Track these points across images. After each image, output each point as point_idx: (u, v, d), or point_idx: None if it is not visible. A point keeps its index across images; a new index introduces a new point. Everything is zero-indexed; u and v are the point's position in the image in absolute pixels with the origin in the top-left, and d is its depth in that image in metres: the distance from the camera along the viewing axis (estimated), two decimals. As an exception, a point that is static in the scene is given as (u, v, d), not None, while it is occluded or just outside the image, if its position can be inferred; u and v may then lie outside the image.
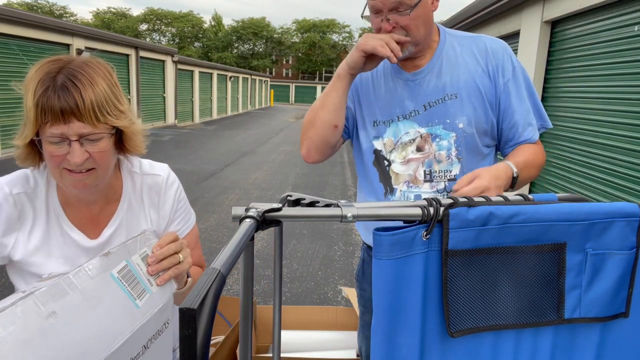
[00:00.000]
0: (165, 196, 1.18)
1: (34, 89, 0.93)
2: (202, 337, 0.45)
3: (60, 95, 0.92)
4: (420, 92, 1.30)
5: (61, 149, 0.95)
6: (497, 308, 0.77)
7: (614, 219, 0.76)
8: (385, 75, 1.37)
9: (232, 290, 3.81)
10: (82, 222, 1.11)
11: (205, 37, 62.55)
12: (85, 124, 0.95)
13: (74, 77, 0.95)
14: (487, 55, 1.29)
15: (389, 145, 1.34)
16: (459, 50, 1.31)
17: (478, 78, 1.28)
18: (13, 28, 9.97)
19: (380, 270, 0.73)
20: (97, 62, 1.03)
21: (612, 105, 4.00)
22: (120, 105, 1.02)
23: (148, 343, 0.86)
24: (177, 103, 19.43)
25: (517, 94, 1.28)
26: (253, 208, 0.73)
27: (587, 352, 0.82)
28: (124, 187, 1.15)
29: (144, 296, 0.86)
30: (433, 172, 1.30)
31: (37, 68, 0.97)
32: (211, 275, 0.49)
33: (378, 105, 1.36)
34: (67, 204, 1.10)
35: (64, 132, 0.94)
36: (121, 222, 1.14)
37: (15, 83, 1.01)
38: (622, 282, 0.78)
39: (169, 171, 1.21)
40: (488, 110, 1.28)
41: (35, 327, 0.67)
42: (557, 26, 5.23)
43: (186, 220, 1.24)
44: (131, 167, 1.17)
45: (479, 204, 0.74)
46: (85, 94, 0.94)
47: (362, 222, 1.45)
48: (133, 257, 0.89)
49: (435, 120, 1.28)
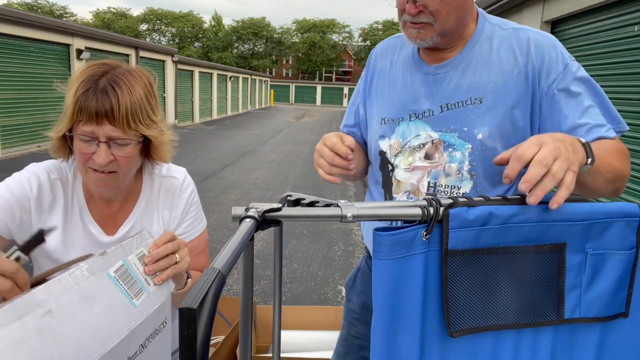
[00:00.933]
0: (179, 198, 1.22)
1: (76, 88, 1.00)
2: (202, 337, 0.45)
3: (98, 98, 0.98)
4: (439, 89, 1.11)
5: (90, 147, 1.01)
6: (497, 308, 0.77)
7: (614, 219, 0.76)
8: (405, 66, 1.19)
9: (232, 290, 3.81)
10: (101, 218, 1.17)
11: (205, 37, 62.54)
12: (116, 128, 1.00)
13: (115, 82, 1.01)
14: (528, 50, 1.05)
15: (395, 148, 1.17)
16: (496, 43, 1.08)
17: (513, 81, 1.05)
18: (13, 28, 9.96)
19: (380, 270, 0.74)
20: (141, 71, 1.10)
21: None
22: (153, 116, 1.08)
23: (146, 342, 0.86)
24: (177, 103, 19.42)
25: (569, 97, 1.02)
26: (253, 208, 0.73)
27: (587, 352, 0.82)
28: (143, 188, 1.20)
29: (140, 295, 0.87)
30: (438, 185, 1.12)
31: (84, 69, 1.04)
32: (211, 275, 0.49)
33: (390, 100, 1.19)
34: (90, 199, 1.16)
35: (94, 131, 1.00)
36: (136, 221, 1.18)
37: (57, 83, 1.09)
38: (622, 282, 0.78)
39: (186, 175, 1.26)
40: (519, 122, 1.05)
41: (32, 325, 0.67)
42: (557, 26, 5.23)
43: (195, 225, 1.25)
44: (152, 169, 1.22)
45: (478, 204, 0.74)
46: (122, 100, 1.00)
47: (367, 227, 1.33)
48: (129, 256, 0.89)
49: (452, 125, 1.09)
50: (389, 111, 1.19)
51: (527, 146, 0.74)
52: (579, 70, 1.05)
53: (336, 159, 1.02)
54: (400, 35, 1.23)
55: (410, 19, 1.03)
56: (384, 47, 1.29)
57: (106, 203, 1.17)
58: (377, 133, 1.21)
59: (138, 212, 1.19)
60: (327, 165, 1.04)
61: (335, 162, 1.03)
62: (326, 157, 1.03)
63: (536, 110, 1.05)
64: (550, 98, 1.03)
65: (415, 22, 1.03)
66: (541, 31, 1.10)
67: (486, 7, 6.45)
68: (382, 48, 1.29)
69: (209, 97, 24.61)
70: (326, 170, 1.04)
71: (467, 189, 1.10)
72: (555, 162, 0.71)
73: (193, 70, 21.63)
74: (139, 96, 1.03)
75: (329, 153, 1.03)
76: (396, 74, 1.20)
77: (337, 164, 1.03)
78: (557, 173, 0.71)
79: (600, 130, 1.01)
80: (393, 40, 1.28)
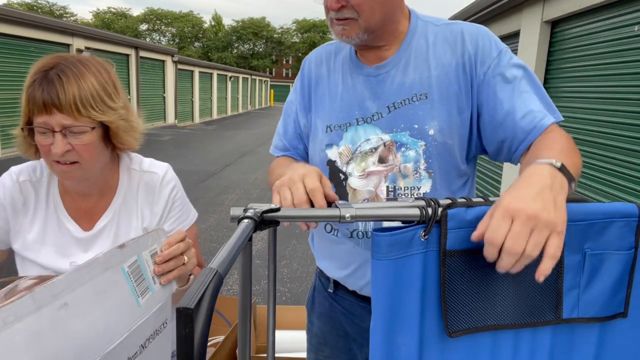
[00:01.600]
0: (160, 195, 1.19)
1: (27, 81, 1.02)
2: (200, 337, 0.45)
3: (44, 88, 0.99)
4: (383, 89, 1.08)
5: (47, 139, 1.02)
6: (496, 308, 0.77)
7: (613, 219, 0.76)
8: (344, 70, 1.15)
9: (232, 291, 3.81)
10: (78, 214, 1.16)
11: (205, 37, 62.55)
12: (66, 115, 1.00)
13: (62, 72, 1.01)
14: (463, 42, 1.05)
15: (346, 155, 1.11)
16: (431, 39, 1.08)
17: (453, 73, 1.04)
18: (13, 28, 9.97)
19: (378, 270, 0.74)
20: (94, 59, 1.09)
21: (612, 105, 4.00)
22: (110, 102, 1.06)
23: (146, 342, 0.86)
24: (177, 103, 19.43)
25: (504, 82, 1.01)
26: (251, 209, 0.73)
27: (585, 352, 0.82)
28: (120, 182, 1.18)
29: (146, 294, 0.87)
30: (397, 188, 1.07)
31: (37, 63, 1.04)
32: (208, 275, 0.49)
33: (333, 106, 1.13)
34: (66, 194, 1.16)
35: (47, 121, 1.00)
36: (113, 216, 1.17)
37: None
38: (621, 282, 0.78)
39: (167, 170, 1.22)
40: (465, 113, 1.04)
41: (48, 318, 0.67)
42: (557, 26, 5.23)
43: (182, 220, 1.24)
44: (130, 163, 1.20)
45: (477, 204, 0.74)
46: (69, 88, 1.00)
47: (316, 245, 1.28)
48: (143, 252, 0.90)
49: (401, 124, 1.05)
50: (334, 118, 1.13)
51: (497, 224, 0.65)
52: (513, 58, 1.04)
53: (304, 207, 0.82)
54: (333, 42, 1.20)
55: (335, 15, 1.01)
56: (318, 55, 1.23)
57: (82, 197, 1.16)
58: (324, 142, 1.14)
59: (115, 206, 1.17)
60: (290, 205, 0.83)
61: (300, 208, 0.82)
62: (295, 198, 0.83)
63: (474, 99, 1.04)
64: (485, 84, 1.02)
65: (339, 19, 1.01)
66: (474, 23, 1.10)
67: (486, 7, 6.45)
68: (316, 56, 1.23)
69: (209, 97, 24.62)
70: (285, 205, 0.83)
71: (427, 188, 1.06)
72: (532, 236, 0.64)
73: (193, 70, 21.64)
74: (90, 83, 1.03)
75: (303, 196, 0.83)
76: (336, 80, 1.15)
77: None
78: (533, 252, 0.64)
79: (537, 115, 0.97)
80: (326, 47, 1.23)
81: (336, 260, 1.20)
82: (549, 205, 0.66)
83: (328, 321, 1.28)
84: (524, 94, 1.00)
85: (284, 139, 1.27)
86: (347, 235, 1.13)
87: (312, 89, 1.19)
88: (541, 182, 0.69)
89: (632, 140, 3.70)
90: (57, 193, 1.16)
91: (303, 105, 1.21)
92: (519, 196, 0.67)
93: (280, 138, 1.28)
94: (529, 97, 1.00)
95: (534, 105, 0.99)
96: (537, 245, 0.65)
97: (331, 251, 1.20)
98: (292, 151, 1.27)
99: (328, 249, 1.21)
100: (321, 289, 1.31)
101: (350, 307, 1.21)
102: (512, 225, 0.65)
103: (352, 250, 1.14)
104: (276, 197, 0.86)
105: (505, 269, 0.67)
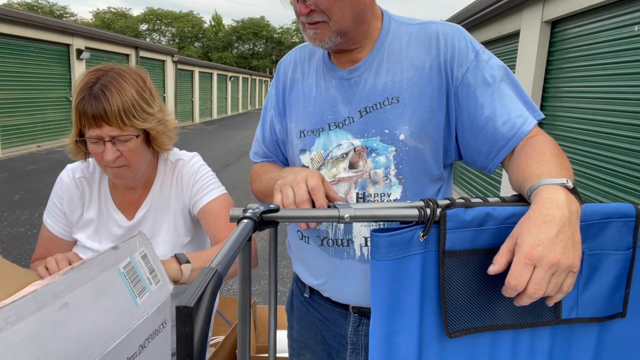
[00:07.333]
0: (184, 171, 1.34)
1: (75, 98, 1.15)
2: (199, 335, 0.45)
3: (92, 104, 1.12)
4: (355, 93, 1.05)
5: (99, 148, 1.17)
6: (495, 308, 0.78)
7: (611, 219, 0.76)
8: (318, 73, 1.12)
9: (232, 291, 3.81)
10: (124, 205, 1.34)
11: (205, 37, 62.54)
12: (114, 127, 1.14)
13: (105, 87, 1.14)
14: (438, 43, 1.01)
15: (317, 161, 1.09)
16: (405, 40, 1.04)
17: (427, 76, 1.00)
18: (13, 28, 9.97)
19: (377, 271, 0.74)
20: (131, 70, 1.22)
21: (612, 105, 4.00)
22: (149, 108, 1.20)
23: (145, 343, 0.86)
24: (177, 103, 19.43)
25: (484, 85, 0.98)
26: (250, 209, 0.74)
27: (584, 352, 0.82)
28: (157, 173, 1.35)
29: (143, 294, 0.87)
30: (367, 195, 1.04)
31: (81, 79, 1.18)
32: (208, 275, 0.49)
33: (307, 111, 1.11)
34: (115, 188, 1.35)
35: (98, 134, 1.14)
36: (151, 204, 1.33)
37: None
38: (619, 282, 0.79)
39: (194, 156, 1.39)
40: (439, 116, 1.00)
41: (49, 318, 0.67)
42: (557, 26, 5.23)
43: (206, 189, 1.33)
44: (167, 156, 1.36)
45: (475, 205, 0.75)
46: (113, 102, 1.13)
47: (292, 250, 1.24)
48: (135, 254, 0.91)
49: (372, 130, 1.02)
50: (307, 122, 1.10)
51: (520, 271, 0.67)
52: (492, 58, 1.02)
53: (305, 205, 0.84)
54: (306, 44, 1.16)
55: (306, 19, 0.98)
56: (292, 58, 1.20)
57: (128, 191, 1.34)
58: (298, 147, 1.12)
59: (152, 195, 1.33)
60: (292, 203, 0.84)
61: (302, 208, 0.84)
62: (297, 197, 0.84)
63: (452, 102, 1.00)
64: (464, 87, 0.99)
65: (311, 23, 0.98)
66: (449, 22, 1.06)
67: (486, 7, 6.45)
68: (290, 59, 1.20)
69: (209, 97, 24.63)
70: (287, 203, 0.85)
71: (398, 195, 1.03)
72: (552, 279, 0.68)
73: (193, 70, 21.64)
74: (129, 95, 1.16)
75: (305, 195, 0.84)
76: (310, 83, 1.13)
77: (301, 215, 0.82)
78: (552, 292, 0.69)
79: (518, 120, 0.96)
80: (300, 50, 1.20)
81: (308, 268, 1.17)
82: (568, 248, 0.68)
83: (306, 326, 1.25)
84: (505, 97, 0.98)
85: (264, 145, 1.26)
86: (318, 243, 1.10)
87: (286, 93, 1.17)
88: (560, 217, 0.69)
89: (632, 140, 3.70)
90: (107, 188, 1.34)
91: (278, 111, 1.19)
92: (539, 241, 0.67)
93: (259, 145, 1.28)
94: (509, 100, 0.98)
95: (515, 109, 0.97)
96: (556, 286, 0.69)
97: (304, 258, 1.18)
98: (274, 158, 1.26)
99: (301, 255, 1.19)
100: (298, 294, 1.28)
101: (325, 313, 1.18)
102: (534, 273, 0.67)
103: (322, 260, 1.11)
104: (278, 196, 0.86)
105: (521, 305, 0.71)
